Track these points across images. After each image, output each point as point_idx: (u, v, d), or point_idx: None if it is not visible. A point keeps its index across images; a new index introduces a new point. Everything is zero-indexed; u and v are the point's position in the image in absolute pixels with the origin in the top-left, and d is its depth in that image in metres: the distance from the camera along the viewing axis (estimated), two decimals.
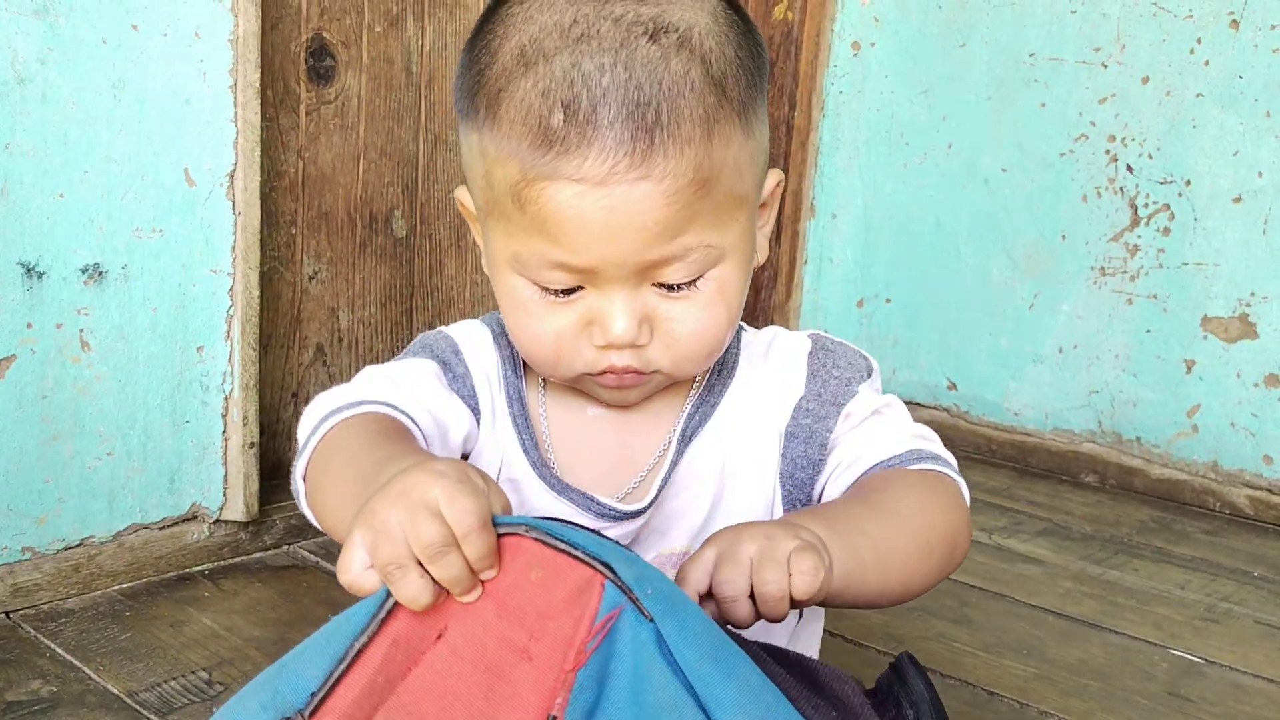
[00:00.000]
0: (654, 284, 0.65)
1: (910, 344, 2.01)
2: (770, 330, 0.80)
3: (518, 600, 0.48)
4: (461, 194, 0.72)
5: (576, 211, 0.60)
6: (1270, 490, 1.68)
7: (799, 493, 0.76)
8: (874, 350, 2.06)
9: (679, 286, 0.65)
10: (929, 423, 1.97)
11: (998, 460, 1.92)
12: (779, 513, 0.76)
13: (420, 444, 0.66)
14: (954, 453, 0.78)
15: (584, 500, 0.73)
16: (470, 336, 0.76)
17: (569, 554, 0.48)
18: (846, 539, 0.61)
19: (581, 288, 0.65)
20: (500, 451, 0.74)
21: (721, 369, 0.77)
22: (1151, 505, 1.74)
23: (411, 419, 0.67)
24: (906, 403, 2.00)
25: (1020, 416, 1.90)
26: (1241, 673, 1.19)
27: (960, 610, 1.30)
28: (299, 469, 0.67)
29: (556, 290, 0.65)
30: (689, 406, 0.75)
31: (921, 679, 0.60)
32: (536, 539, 0.48)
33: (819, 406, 0.75)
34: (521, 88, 0.61)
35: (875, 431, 0.73)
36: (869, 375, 0.77)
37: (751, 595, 0.55)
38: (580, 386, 0.71)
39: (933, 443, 0.74)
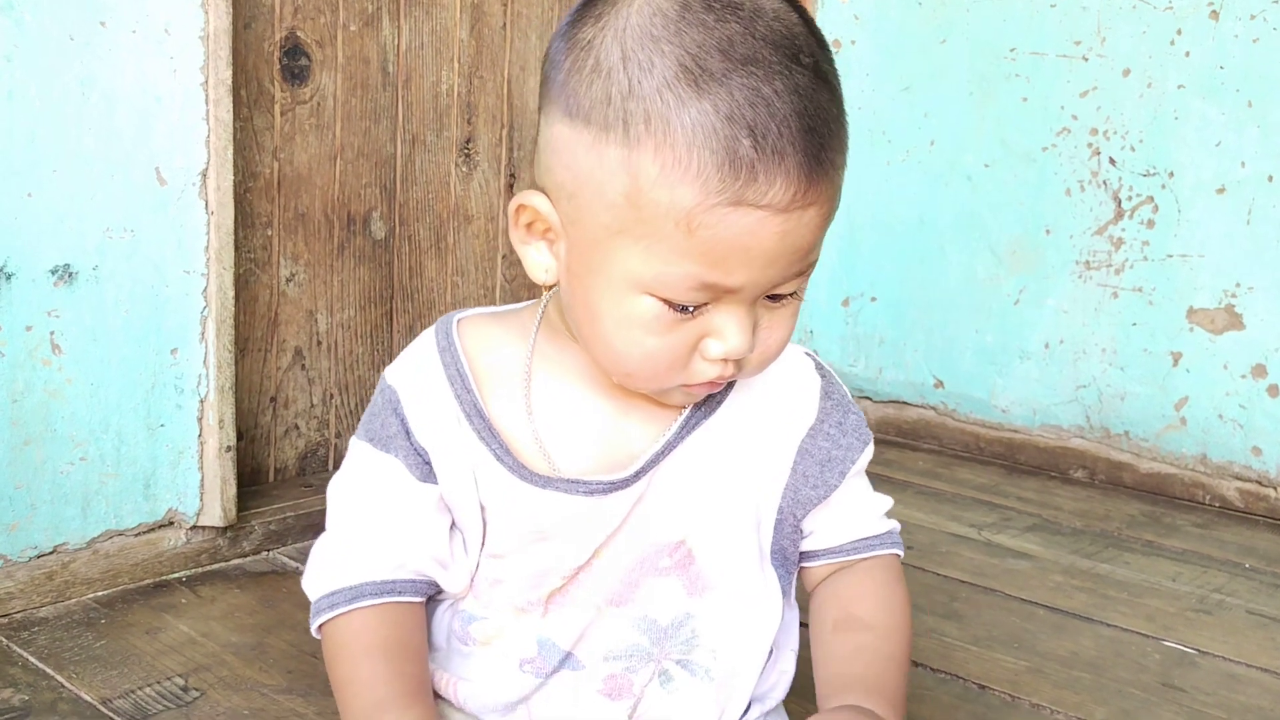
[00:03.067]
0: (767, 296, 0.66)
1: (896, 342, 2.00)
2: None
3: None
4: (534, 200, 0.68)
5: (754, 238, 0.61)
6: (1260, 482, 1.67)
7: (797, 508, 0.79)
8: (860, 349, 2.05)
9: (780, 300, 0.67)
10: (916, 422, 1.97)
11: (986, 458, 1.91)
12: (768, 519, 0.78)
13: (418, 621, 0.76)
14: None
15: (570, 486, 0.73)
16: (410, 369, 0.76)
17: None
18: (901, 707, 0.74)
19: (705, 305, 0.65)
20: (470, 470, 0.74)
21: None
22: (1141, 499, 1.73)
23: (413, 584, 0.76)
24: (893, 402, 2.01)
25: (1008, 413, 1.89)
26: (1235, 663, 1.17)
27: (950, 605, 1.29)
28: (312, 626, 0.77)
29: (687, 308, 0.64)
30: (687, 409, 0.77)
31: None
32: None
33: (841, 435, 0.79)
34: (697, 109, 0.60)
35: (854, 502, 0.82)
36: (866, 443, 0.83)
37: None
38: (655, 394, 0.72)
39: (889, 516, 0.85)
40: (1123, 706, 1.06)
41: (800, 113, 0.60)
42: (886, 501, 0.85)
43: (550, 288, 0.72)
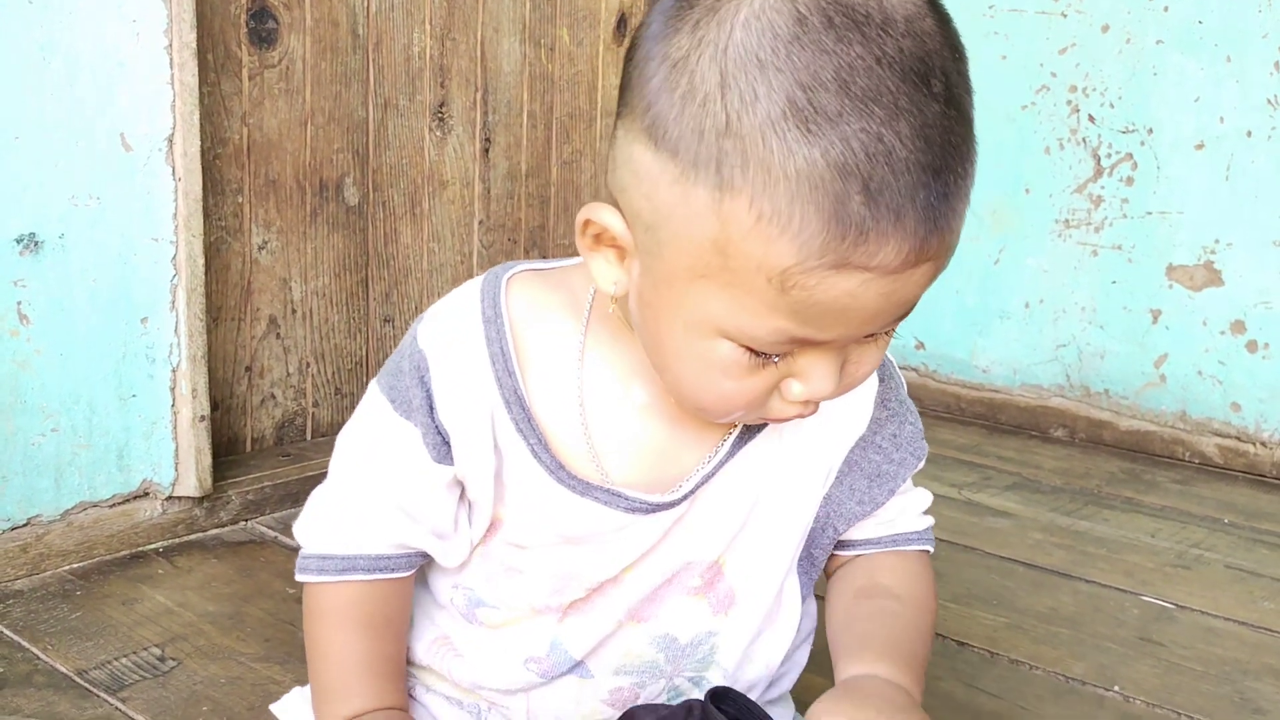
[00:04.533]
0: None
1: None
2: None
3: None
4: (604, 216, 0.60)
5: (855, 300, 0.54)
6: (1239, 438, 1.67)
7: (839, 521, 0.74)
8: None
9: (875, 335, 0.60)
10: None
11: (967, 418, 1.91)
12: (804, 530, 0.74)
13: (405, 599, 0.74)
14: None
15: (611, 498, 0.67)
16: (447, 339, 0.68)
17: None
18: (921, 680, 0.70)
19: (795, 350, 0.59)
20: (496, 460, 0.67)
21: None
22: (1121, 457, 1.73)
23: (405, 558, 0.73)
24: None
25: (988, 373, 1.89)
26: (1213, 616, 1.18)
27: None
28: (297, 575, 0.74)
29: (771, 356, 0.58)
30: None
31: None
32: None
33: (894, 450, 0.73)
34: (805, 156, 0.51)
35: (904, 501, 0.77)
36: (920, 459, 0.77)
37: None
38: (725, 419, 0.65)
39: (925, 514, 0.80)
40: (1100, 661, 1.07)
41: (925, 164, 0.51)
42: (926, 498, 0.79)
43: (617, 300, 0.64)
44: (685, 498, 0.68)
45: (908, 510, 0.77)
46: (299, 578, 0.73)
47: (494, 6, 1.61)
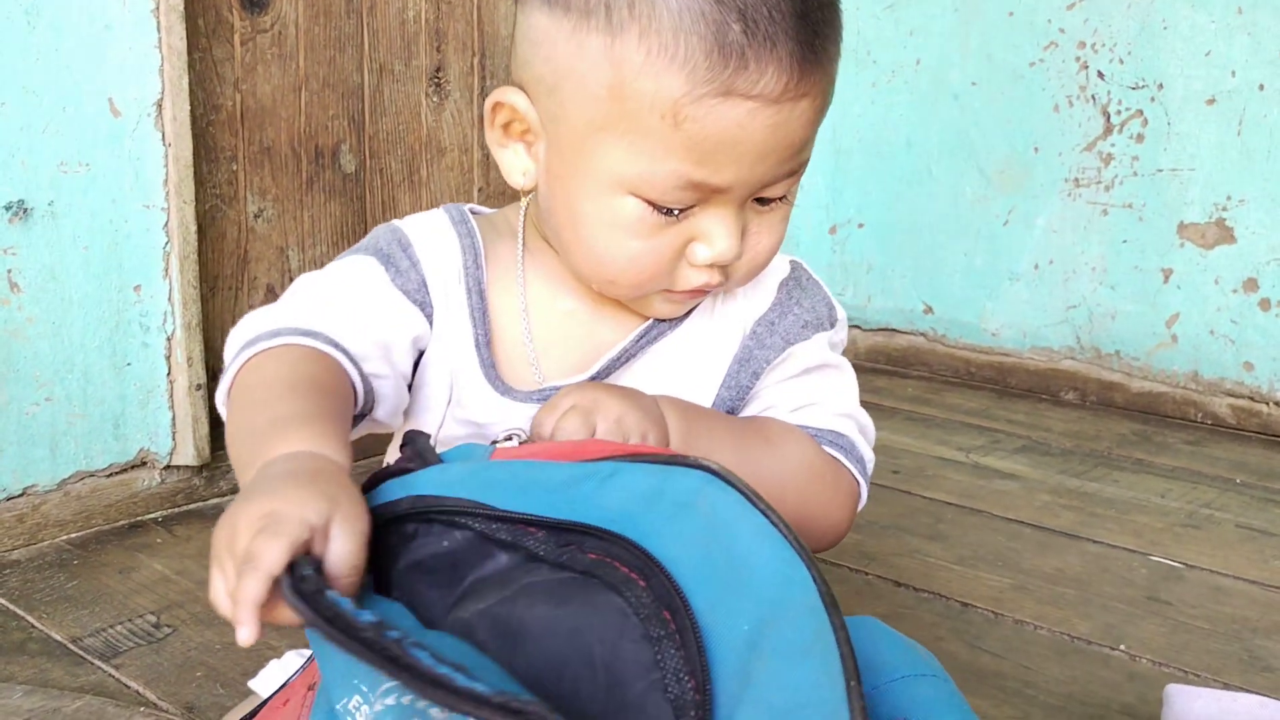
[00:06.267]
0: (756, 200, 0.63)
1: (884, 269, 1.97)
2: None
3: None
4: (511, 97, 0.63)
5: (744, 131, 0.57)
6: (1252, 398, 1.65)
7: (744, 377, 0.73)
8: (848, 277, 2.02)
9: (771, 201, 0.63)
10: (905, 349, 1.95)
11: (977, 382, 1.89)
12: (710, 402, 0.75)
13: (341, 378, 0.63)
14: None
15: (526, 396, 0.69)
16: (423, 227, 0.71)
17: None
18: (694, 444, 0.64)
19: (691, 205, 0.61)
20: (451, 344, 0.70)
21: None
22: (1132, 419, 1.71)
23: (339, 346, 0.63)
24: (883, 330, 1.98)
25: (998, 337, 1.87)
26: (1222, 575, 1.16)
27: (935, 527, 1.27)
28: (220, 396, 0.64)
29: (672, 210, 0.61)
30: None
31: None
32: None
33: (767, 334, 0.73)
34: None
35: (808, 392, 0.71)
36: (830, 326, 0.75)
37: None
38: (638, 302, 0.68)
39: (859, 432, 0.72)
40: (1107, 621, 1.05)
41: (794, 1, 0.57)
42: (849, 392, 0.74)
43: (528, 193, 0.69)
44: (592, 379, 0.69)
45: (825, 405, 0.71)
46: (219, 393, 0.63)
47: None
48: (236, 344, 0.64)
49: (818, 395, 0.71)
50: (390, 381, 0.67)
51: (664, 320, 0.72)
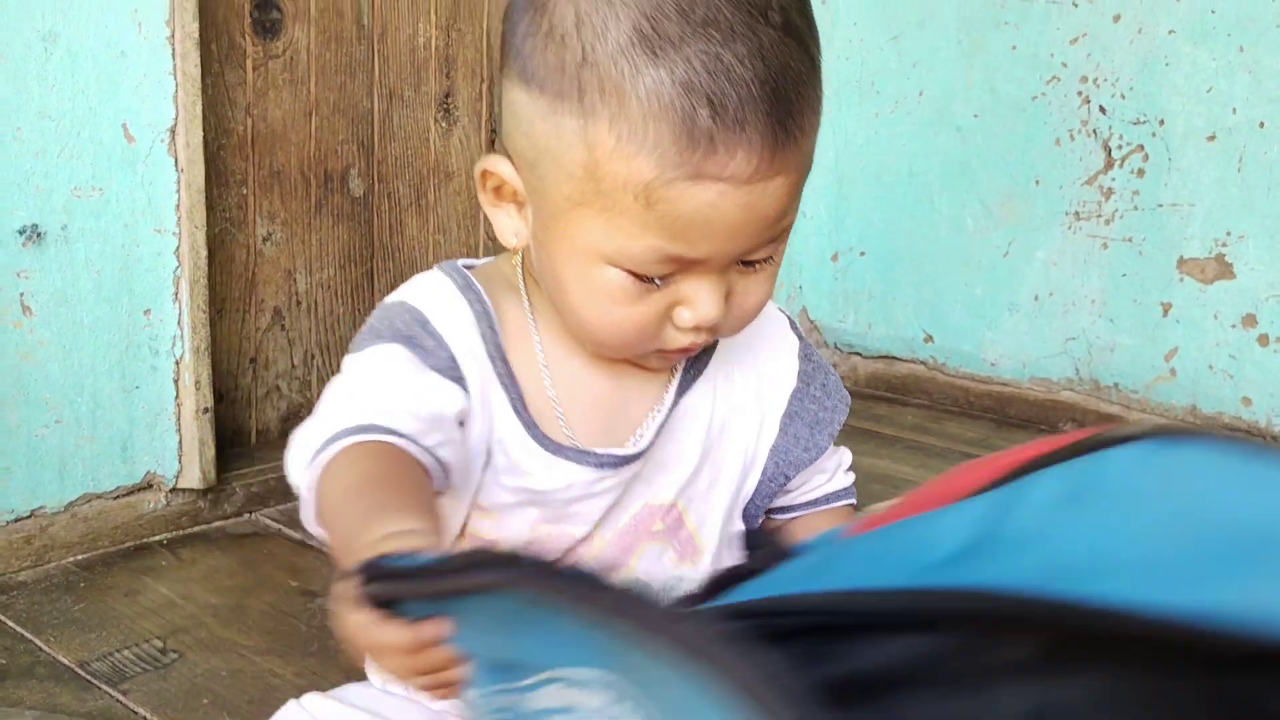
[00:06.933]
0: (740, 262, 0.64)
1: (885, 297, 1.99)
2: None
3: None
4: (499, 166, 0.64)
5: (715, 211, 0.58)
6: (1250, 432, 1.66)
7: (788, 469, 0.78)
8: (849, 304, 2.03)
9: (758, 262, 0.64)
10: (905, 376, 1.96)
11: (976, 412, 1.90)
12: (753, 479, 0.77)
13: (410, 461, 0.62)
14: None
15: (579, 455, 0.70)
16: (433, 299, 0.69)
17: None
18: None
19: (673, 274, 0.62)
20: (490, 415, 0.69)
21: None
22: None
23: (396, 432, 0.62)
24: (883, 357, 1.99)
25: (997, 366, 1.88)
26: None
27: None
28: (310, 522, 0.63)
29: (653, 278, 0.62)
30: (679, 368, 0.74)
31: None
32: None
33: (826, 398, 0.78)
34: (653, 77, 0.56)
35: (836, 460, 0.81)
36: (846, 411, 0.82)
37: None
38: (634, 358, 0.69)
39: (850, 470, 0.82)
40: None
41: (764, 79, 0.57)
42: (848, 456, 0.84)
43: (517, 253, 0.69)
44: (649, 448, 0.71)
45: (838, 469, 0.82)
46: (305, 516, 0.62)
47: None
48: (299, 465, 0.63)
49: (835, 458, 0.80)
50: (453, 449, 0.66)
51: (688, 374, 0.73)
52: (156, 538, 1.23)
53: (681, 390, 0.73)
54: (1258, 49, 1.58)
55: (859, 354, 2.02)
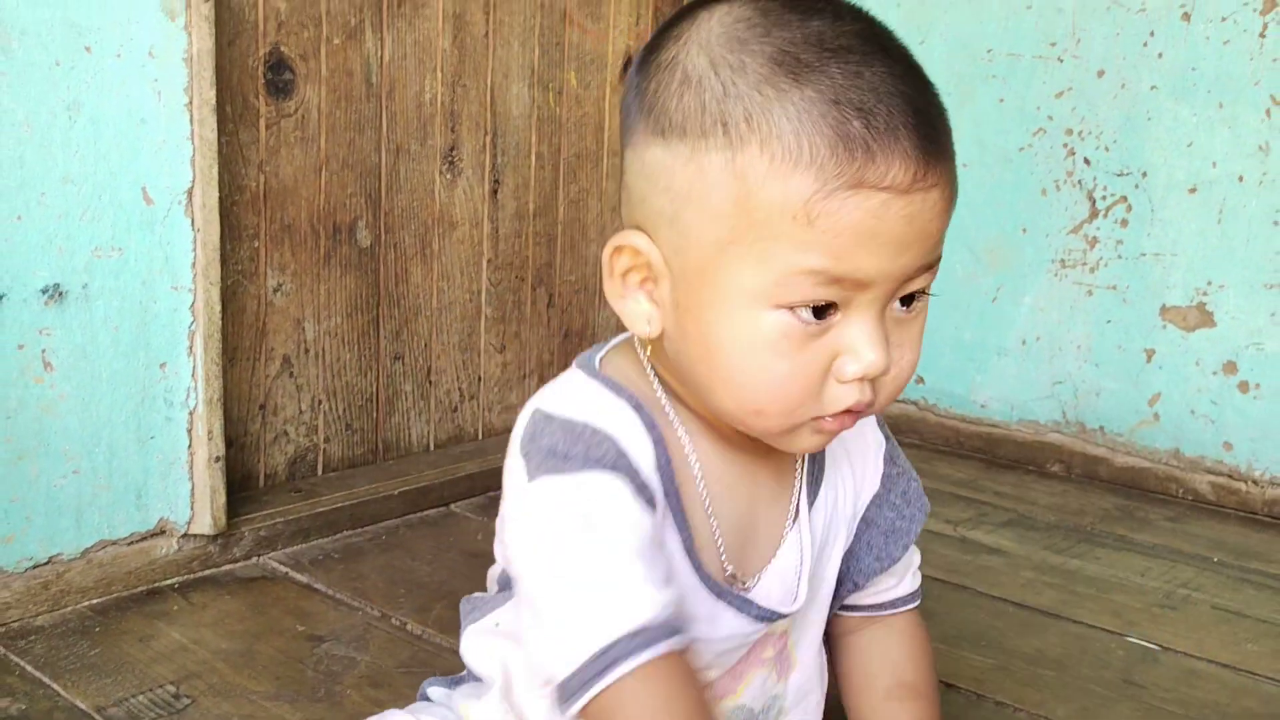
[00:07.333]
0: (899, 301, 0.62)
1: None
2: None
3: None
4: (630, 239, 0.62)
5: (880, 222, 0.57)
6: (1231, 476, 1.70)
7: (858, 576, 0.78)
8: None
9: (911, 304, 0.62)
10: (899, 416, 2.01)
11: (966, 451, 1.95)
12: (830, 585, 0.77)
13: (693, 674, 0.62)
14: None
15: (741, 604, 0.68)
16: (624, 427, 0.64)
17: None
18: None
19: (834, 310, 0.59)
20: (666, 558, 0.65)
21: None
22: (1116, 493, 1.77)
23: (672, 628, 0.61)
24: None
25: (987, 408, 1.93)
26: (1196, 658, 1.21)
27: (923, 604, 1.32)
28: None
29: (815, 311, 0.59)
30: (804, 482, 0.73)
31: None
32: None
33: (905, 506, 0.78)
34: (800, 95, 0.57)
35: (909, 560, 0.83)
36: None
37: None
38: (786, 438, 0.64)
39: (918, 569, 0.85)
40: (1083, 704, 1.10)
41: (907, 94, 0.57)
42: (918, 556, 0.84)
43: (650, 342, 0.66)
44: (801, 602, 0.71)
45: (909, 571, 0.82)
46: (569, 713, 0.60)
47: (503, 54, 1.66)
48: (561, 671, 0.60)
49: (905, 559, 0.81)
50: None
51: (809, 490, 0.72)
52: (168, 581, 1.28)
53: (806, 513, 0.71)
54: (1236, 105, 1.64)
55: None
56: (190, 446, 1.26)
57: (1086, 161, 1.77)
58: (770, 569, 0.71)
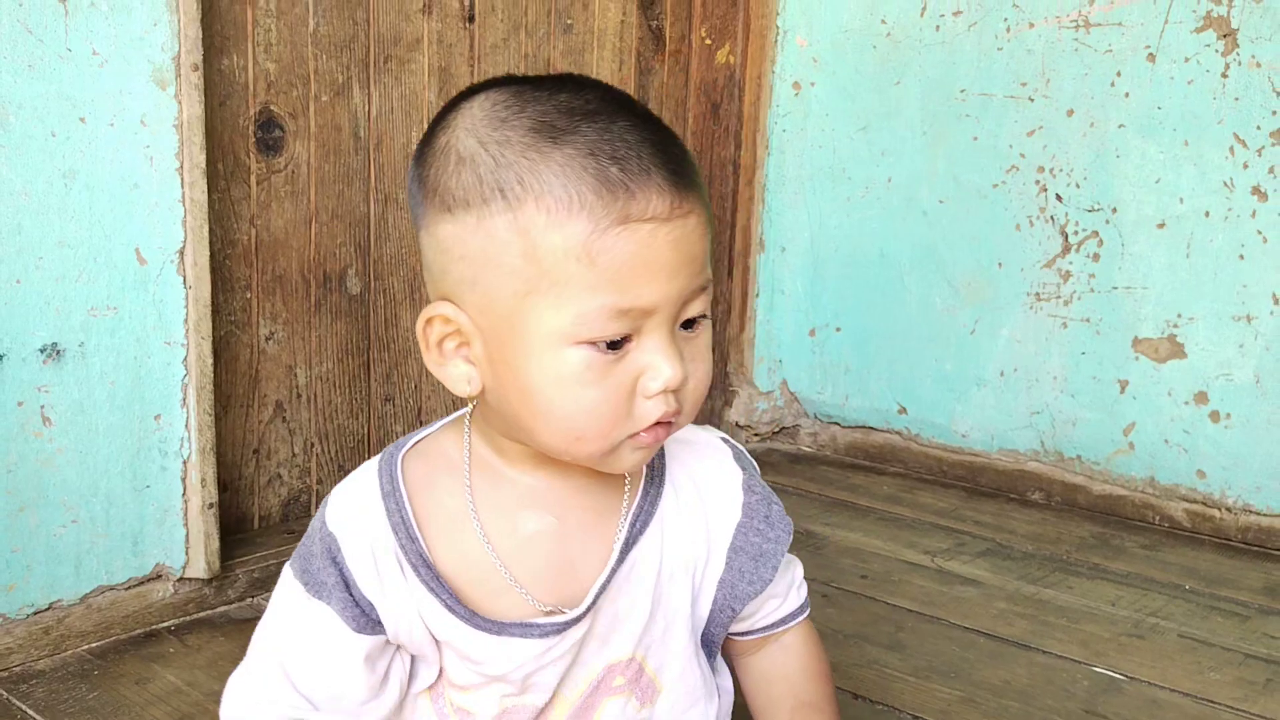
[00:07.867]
0: (680, 324, 0.69)
1: (861, 370, 2.08)
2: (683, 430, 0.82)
3: None
4: (439, 308, 0.70)
5: (651, 249, 0.65)
6: (1205, 503, 1.74)
7: (735, 602, 0.83)
8: (827, 377, 2.13)
9: (694, 324, 0.70)
10: (882, 446, 2.05)
11: (949, 480, 1.99)
12: (704, 612, 0.83)
13: None
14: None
15: (524, 630, 0.75)
16: (352, 521, 0.75)
17: None
18: None
19: (629, 339, 0.67)
20: (426, 621, 0.75)
21: (652, 468, 0.80)
22: (1094, 521, 1.80)
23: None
24: (860, 427, 2.08)
25: (968, 438, 1.97)
26: (1160, 688, 1.25)
27: (895, 635, 1.36)
28: None
29: (611, 344, 0.66)
30: (630, 512, 0.78)
31: None
32: None
33: (769, 529, 0.83)
34: (561, 154, 0.65)
35: (785, 576, 0.87)
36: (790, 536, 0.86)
37: None
38: (609, 460, 0.71)
39: (801, 580, 0.90)
40: None
41: (650, 139, 0.67)
42: (799, 570, 0.89)
43: (473, 399, 0.73)
44: (590, 608, 0.76)
45: (791, 588, 0.87)
46: None
47: None
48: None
49: (786, 577, 0.86)
50: (399, 661, 0.77)
51: (634, 527, 0.77)
52: (165, 624, 1.32)
53: (628, 545, 0.77)
54: (1201, 143, 1.68)
55: (838, 424, 2.11)
56: (184, 494, 1.31)
57: (1058, 198, 1.82)
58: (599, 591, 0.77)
